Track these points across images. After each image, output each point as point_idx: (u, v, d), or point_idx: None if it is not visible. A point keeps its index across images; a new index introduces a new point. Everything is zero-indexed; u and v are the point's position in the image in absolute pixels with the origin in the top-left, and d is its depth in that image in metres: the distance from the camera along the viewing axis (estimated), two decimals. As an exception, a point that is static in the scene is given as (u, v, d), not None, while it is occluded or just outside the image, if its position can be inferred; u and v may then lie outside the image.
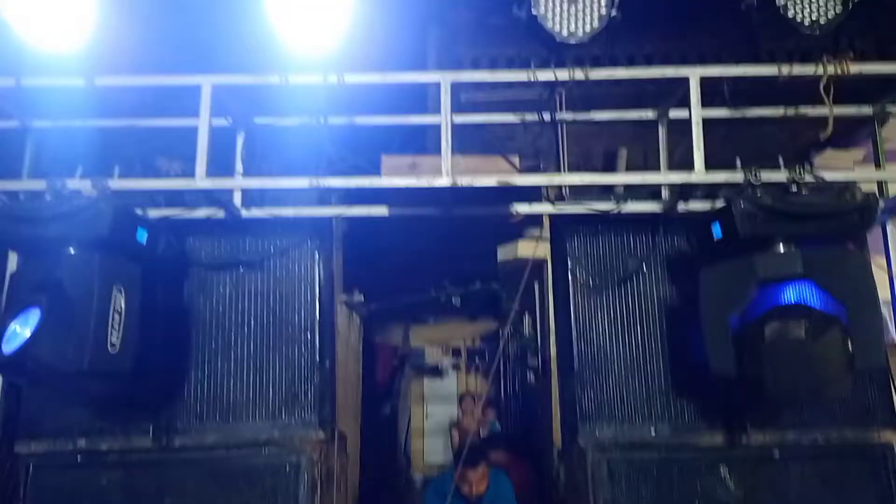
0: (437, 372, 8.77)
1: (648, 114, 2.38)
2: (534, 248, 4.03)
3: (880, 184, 2.29)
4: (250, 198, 2.29)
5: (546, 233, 3.34)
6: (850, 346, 1.78)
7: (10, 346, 1.72)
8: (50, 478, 2.21)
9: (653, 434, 2.30)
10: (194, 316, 2.31)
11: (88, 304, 1.80)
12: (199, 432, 2.26)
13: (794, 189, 1.97)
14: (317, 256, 2.37)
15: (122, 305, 1.85)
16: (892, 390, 2.22)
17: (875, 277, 1.95)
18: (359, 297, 5.89)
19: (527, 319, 6.93)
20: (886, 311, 2.88)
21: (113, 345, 1.80)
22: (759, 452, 2.25)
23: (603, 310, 2.38)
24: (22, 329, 1.73)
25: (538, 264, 5.06)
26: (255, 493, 2.22)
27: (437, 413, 9.07)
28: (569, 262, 2.41)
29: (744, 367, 1.87)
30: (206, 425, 2.26)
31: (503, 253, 5.31)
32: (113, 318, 1.81)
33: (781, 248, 1.89)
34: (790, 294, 1.86)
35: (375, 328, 8.46)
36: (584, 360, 2.36)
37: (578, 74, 2.05)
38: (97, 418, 2.24)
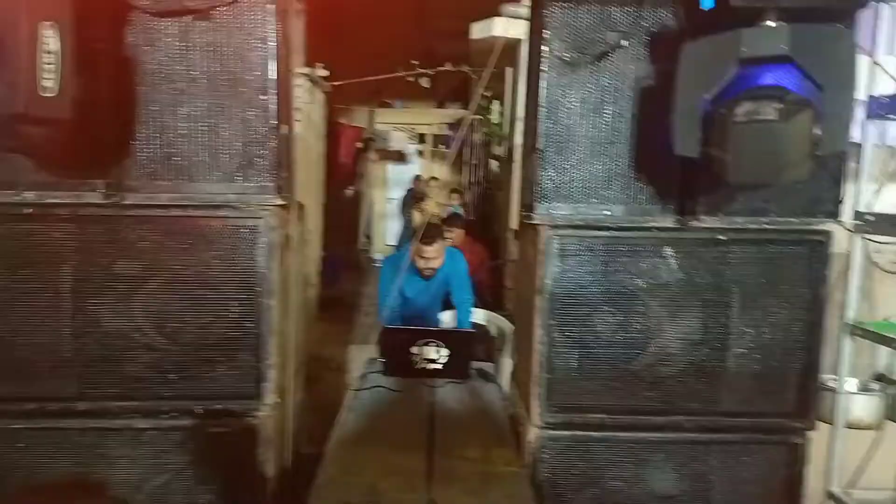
0: (401, 157, 8.78)
1: None
2: (508, 25, 3.79)
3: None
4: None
5: (522, 9, 3.10)
6: (817, 130, 1.77)
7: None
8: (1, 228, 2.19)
9: (606, 213, 2.34)
10: (139, 66, 2.14)
11: (15, 41, 1.63)
12: (152, 191, 2.21)
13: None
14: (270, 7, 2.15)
15: (55, 45, 1.68)
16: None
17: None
18: (323, 72, 5.63)
19: (496, 107, 6.82)
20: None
21: (49, 88, 1.66)
22: (706, 234, 2.33)
23: (575, 87, 2.28)
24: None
25: (512, 46, 4.82)
26: (212, 254, 2.24)
27: (399, 198, 9.19)
28: (546, 34, 2.25)
29: (709, 148, 1.86)
30: (159, 184, 2.20)
31: (476, 31, 5.03)
32: (45, 59, 1.66)
33: (771, 23, 1.78)
34: (769, 76, 1.80)
35: (340, 109, 8.26)
36: (550, 139, 2.31)
37: None
38: (44, 172, 2.15)
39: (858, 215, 2.60)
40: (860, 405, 2.76)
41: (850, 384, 2.83)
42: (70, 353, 2.22)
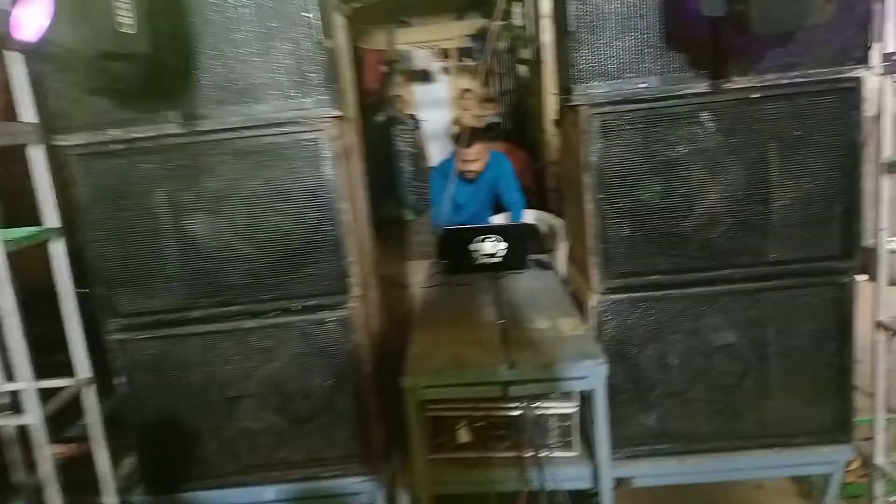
0: (427, 76, 8.77)
1: None
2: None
3: None
4: None
5: None
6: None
7: (29, 33, 1.78)
8: (97, 166, 2.44)
9: (643, 86, 2.45)
10: (192, -1, 2.31)
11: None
12: (222, 116, 2.41)
13: None
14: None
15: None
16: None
17: None
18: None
19: (517, 10, 6.75)
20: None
21: (129, 26, 1.85)
22: (740, 94, 2.42)
23: (601, -35, 2.35)
24: (35, 14, 1.76)
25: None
26: (282, 168, 2.46)
27: (431, 118, 9.21)
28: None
29: (732, 4, 1.95)
30: (226, 109, 2.41)
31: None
32: (123, 1, 1.84)
33: None
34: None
35: (359, 34, 8.24)
36: (580, 20, 2.41)
37: None
38: (122, 110, 2.38)
39: (886, 57, 2.62)
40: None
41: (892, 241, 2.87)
42: (177, 269, 2.52)
